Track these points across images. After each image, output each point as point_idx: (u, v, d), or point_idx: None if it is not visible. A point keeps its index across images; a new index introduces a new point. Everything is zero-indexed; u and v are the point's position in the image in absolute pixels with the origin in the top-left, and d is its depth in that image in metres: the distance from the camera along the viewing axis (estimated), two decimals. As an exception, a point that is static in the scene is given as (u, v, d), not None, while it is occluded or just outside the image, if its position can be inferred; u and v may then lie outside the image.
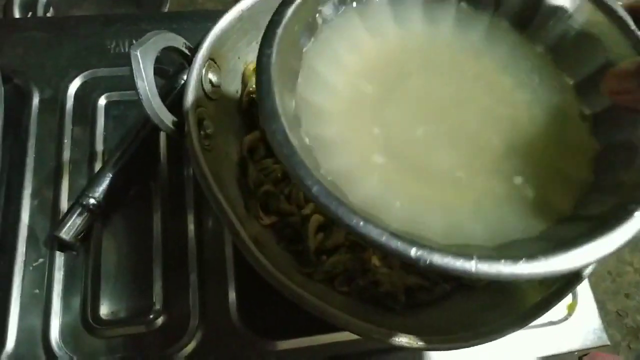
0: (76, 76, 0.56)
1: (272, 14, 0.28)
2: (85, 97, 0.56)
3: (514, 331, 0.36)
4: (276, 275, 0.36)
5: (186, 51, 0.42)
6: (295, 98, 0.29)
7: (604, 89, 0.27)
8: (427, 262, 0.22)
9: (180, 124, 0.39)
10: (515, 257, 0.22)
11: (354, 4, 0.33)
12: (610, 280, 0.38)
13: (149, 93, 0.36)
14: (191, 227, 0.52)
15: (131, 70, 0.36)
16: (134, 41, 0.58)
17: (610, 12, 0.30)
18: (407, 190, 0.28)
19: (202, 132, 0.41)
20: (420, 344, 0.34)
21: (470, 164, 0.29)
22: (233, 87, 0.47)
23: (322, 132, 0.29)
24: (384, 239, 0.22)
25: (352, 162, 0.28)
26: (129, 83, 0.56)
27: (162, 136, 0.55)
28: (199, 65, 0.41)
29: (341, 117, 0.30)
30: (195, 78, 0.41)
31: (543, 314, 0.37)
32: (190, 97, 0.40)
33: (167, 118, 0.38)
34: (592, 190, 0.29)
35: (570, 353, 0.50)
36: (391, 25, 0.34)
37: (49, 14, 0.79)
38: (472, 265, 0.22)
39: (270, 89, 0.25)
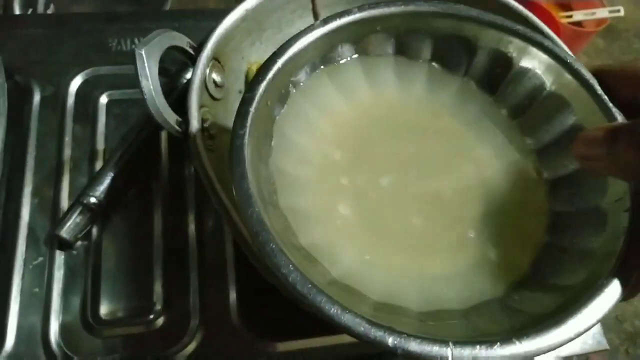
0: (77, 74, 0.56)
1: (244, 91, 0.29)
2: (87, 95, 0.56)
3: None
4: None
5: (190, 50, 0.41)
6: (270, 168, 0.29)
7: (573, 153, 0.27)
8: (405, 349, 0.22)
9: (183, 123, 0.39)
10: (490, 342, 0.23)
11: (322, 66, 0.33)
12: (628, 302, 0.38)
13: (153, 92, 0.36)
14: (192, 226, 0.52)
15: (135, 69, 0.36)
16: (136, 39, 0.59)
17: (578, 75, 0.30)
18: (383, 260, 0.28)
19: (205, 132, 0.40)
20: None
21: (436, 226, 0.30)
22: (236, 86, 0.47)
23: (297, 203, 0.29)
24: (362, 329, 0.22)
25: (327, 234, 0.28)
26: (131, 81, 0.57)
27: (164, 135, 0.55)
28: (203, 65, 0.41)
29: (313, 186, 0.30)
30: (199, 78, 0.40)
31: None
32: (193, 97, 0.40)
33: (170, 118, 0.38)
34: (551, 254, 0.30)
35: (569, 357, 0.50)
36: (362, 85, 0.34)
37: (49, 11, 0.78)
38: (448, 352, 0.22)
39: (244, 172, 0.25)
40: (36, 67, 0.56)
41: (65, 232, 0.48)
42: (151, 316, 0.48)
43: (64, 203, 0.51)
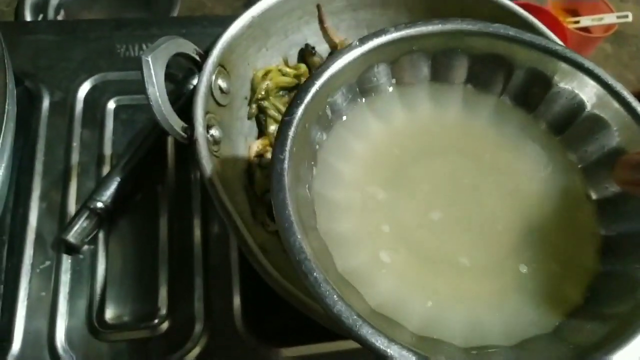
0: (86, 79, 0.57)
1: (283, 114, 0.28)
2: (95, 100, 0.56)
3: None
4: (282, 284, 0.36)
5: (196, 57, 0.42)
6: (311, 192, 0.29)
7: (615, 178, 0.26)
8: None
9: (189, 129, 0.39)
10: None
11: (363, 99, 0.34)
12: None
13: (159, 99, 0.36)
14: (197, 231, 0.52)
15: (142, 75, 0.36)
16: (144, 45, 0.59)
17: (619, 96, 0.30)
18: (424, 288, 0.28)
19: (210, 139, 0.41)
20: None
21: (482, 253, 0.29)
22: (242, 93, 0.48)
23: (336, 228, 0.29)
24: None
25: (365, 262, 0.28)
26: (138, 87, 0.57)
27: (170, 141, 0.55)
28: (209, 71, 0.41)
29: (353, 212, 0.30)
30: (205, 84, 0.41)
31: None
32: (199, 103, 0.40)
33: (176, 124, 0.38)
34: (603, 281, 0.29)
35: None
36: (399, 111, 0.34)
37: (59, 17, 0.79)
38: None
39: (285, 198, 0.25)
40: (45, 72, 0.56)
41: (73, 236, 0.48)
42: (156, 321, 0.48)
43: (72, 207, 0.51)
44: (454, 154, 0.33)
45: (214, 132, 0.41)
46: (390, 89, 0.34)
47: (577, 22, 1.24)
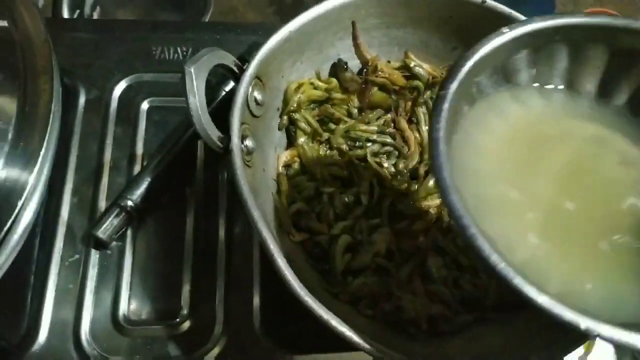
0: (122, 79, 0.58)
1: (437, 88, 0.33)
2: (129, 100, 0.58)
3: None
4: (303, 298, 0.37)
5: (235, 69, 0.43)
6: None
7: None
8: (596, 332, 0.24)
9: (225, 139, 0.40)
10: None
11: (506, 83, 0.36)
12: None
13: (199, 109, 0.38)
14: (222, 233, 0.53)
15: (183, 85, 0.38)
16: (179, 49, 0.61)
17: None
18: (561, 261, 0.30)
19: (244, 149, 0.42)
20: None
21: (618, 237, 0.31)
22: (275, 104, 0.49)
23: (478, 192, 0.31)
24: (557, 309, 0.25)
25: (507, 226, 0.31)
26: (172, 90, 0.59)
27: (200, 144, 0.56)
28: (247, 83, 0.42)
29: (493, 178, 0.33)
30: (242, 96, 0.42)
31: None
32: (236, 114, 0.41)
33: (213, 134, 0.39)
34: None
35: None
36: (537, 98, 0.37)
37: (95, 13, 0.81)
38: None
39: (442, 163, 0.28)
40: (83, 70, 0.58)
41: (102, 232, 0.49)
42: (177, 319, 0.49)
43: (102, 203, 0.53)
44: (583, 142, 0.35)
45: (247, 142, 0.43)
46: (529, 75, 0.36)
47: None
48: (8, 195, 0.35)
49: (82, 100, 0.57)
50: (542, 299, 0.25)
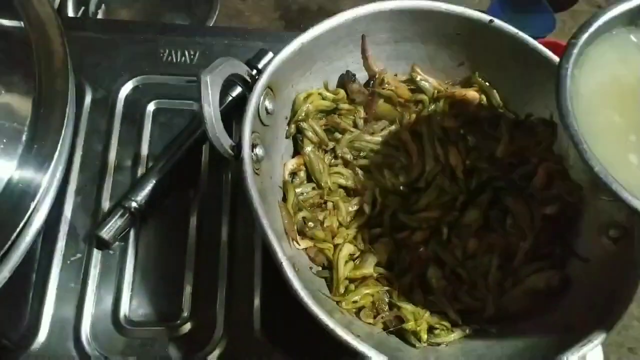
0: (128, 80, 0.59)
1: (570, 37, 0.39)
2: (136, 101, 0.58)
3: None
4: (306, 299, 0.37)
5: (248, 78, 0.44)
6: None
7: None
8: None
9: (236, 148, 0.41)
10: None
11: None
12: (615, 332, 0.40)
13: (213, 118, 0.38)
14: (224, 235, 0.53)
15: (199, 94, 0.38)
16: (187, 52, 0.61)
17: None
18: None
19: (254, 157, 0.43)
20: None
21: None
22: (283, 113, 0.49)
23: (589, 118, 0.38)
24: None
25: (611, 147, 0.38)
26: (179, 92, 0.59)
27: (205, 148, 0.57)
28: (259, 93, 0.43)
29: (601, 106, 0.40)
30: (254, 105, 0.43)
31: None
32: (247, 123, 0.42)
33: (226, 142, 0.40)
34: None
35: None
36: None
37: (100, 11, 0.81)
38: None
39: (565, 94, 0.37)
40: (90, 70, 0.58)
41: (106, 232, 0.50)
42: (178, 321, 0.50)
43: (105, 203, 0.53)
44: None
45: (257, 151, 0.43)
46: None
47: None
48: (21, 196, 0.35)
49: (88, 99, 0.57)
50: None
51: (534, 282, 0.47)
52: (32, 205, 0.35)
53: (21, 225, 0.34)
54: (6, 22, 0.39)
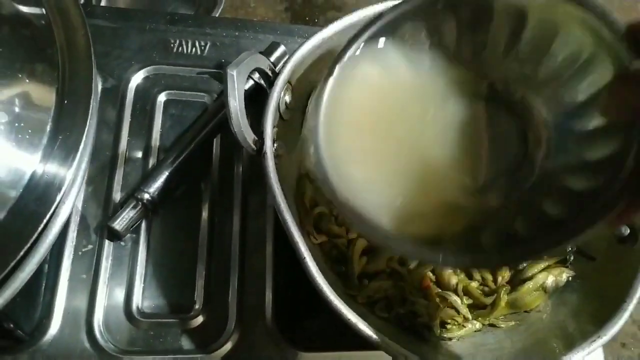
0: (139, 70, 0.58)
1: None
2: (146, 91, 0.57)
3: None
4: (333, 302, 0.38)
5: (269, 72, 0.44)
6: None
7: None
8: None
9: (258, 142, 0.41)
10: None
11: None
12: None
13: (238, 112, 0.38)
14: (236, 227, 0.54)
15: (225, 88, 0.38)
16: (197, 42, 0.61)
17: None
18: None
19: (275, 152, 0.43)
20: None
21: None
22: (300, 107, 0.50)
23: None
24: None
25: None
26: (190, 84, 0.59)
27: (216, 140, 0.57)
28: (280, 88, 0.43)
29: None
30: (276, 100, 0.43)
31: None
32: (269, 118, 0.42)
33: (249, 137, 0.40)
34: None
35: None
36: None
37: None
38: None
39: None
40: (100, 59, 0.57)
41: (118, 224, 0.50)
42: (190, 314, 0.50)
43: (116, 194, 0.53)
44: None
45: (277, 145, 0.43)
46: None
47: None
48: (46, 188, 0.35)
49: (98, 89, 0.56)
50: None
51: (543, 279, 0.48)
52: (58, 198, 0.34)
53: (48, 217, 0.34)
54: (27, 10, 0.38)
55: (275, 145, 0.43)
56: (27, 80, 0.36)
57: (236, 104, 0.38)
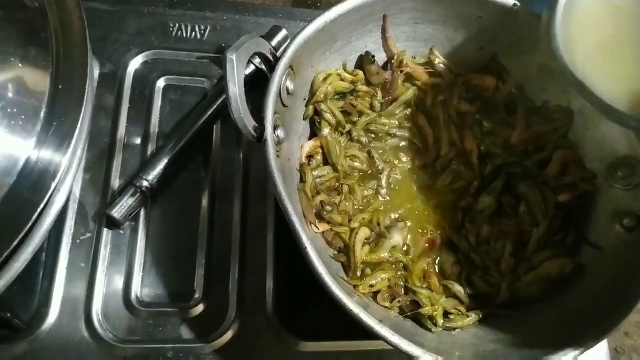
0: (137, 54, 0.57)
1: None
2: (145, 76, 0.56)
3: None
4: (326, 278, 0.37)
5: (270, 57, 0.42)
6: None
7: None
8: None
9: (259, 129, 0.40)
10: None
11: None
12: None
13: (238, 98, 0.37)
14: (236, 216, 0.53)
15: (224, 73, 0.37)
16: (197, 26, 0.59)
17: None
18: None
19: (275, 139, 0.42)
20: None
21: None
22: (301, 94, 0.48)
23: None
24: None
25: None
26: (189, 69, 0.58)
27: (216, 127, 0.56)
28: (281, 73, 0.42)
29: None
30: (277, 85, 0.42)
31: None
32: (270, 104, 0.41)
33: (249, 123, 0.39)
34: None
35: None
36: None
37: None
38: None
39: None
40: (97, 43, 0.56)
41: (116, 212, 0.49)
42: (190, 302, 0.49)
43: (114, 182, 0.52)
44: None
45: (278, 132, 0.42)
46: None
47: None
48: (41, 175, 0.34)
49: (95, 73, 0.55)
50: None
51: (548, 268, 0.48)
52: (53, 185, 0.34)
53: (42, 205, 0.33)
54: (20, -8, 0.37)
55: (276, 132, 0.42)
56: (20, 65, 0.35)
57: (236, 89, 0.37)
